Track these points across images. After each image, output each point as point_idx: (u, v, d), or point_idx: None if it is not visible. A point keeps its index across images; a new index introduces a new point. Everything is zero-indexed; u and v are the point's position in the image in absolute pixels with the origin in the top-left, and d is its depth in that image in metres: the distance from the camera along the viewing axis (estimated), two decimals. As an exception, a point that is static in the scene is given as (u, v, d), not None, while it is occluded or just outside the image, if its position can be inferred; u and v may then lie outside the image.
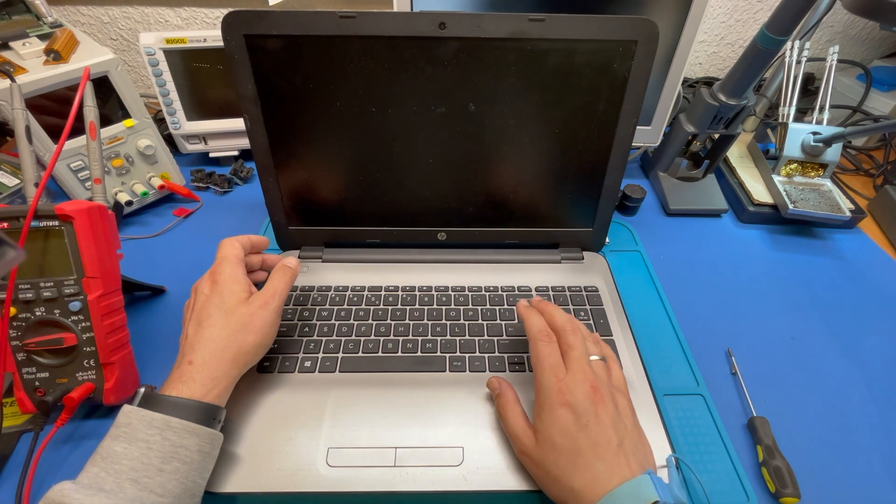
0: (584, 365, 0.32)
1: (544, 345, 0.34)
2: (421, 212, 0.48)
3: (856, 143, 0.75)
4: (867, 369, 0.45)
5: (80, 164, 0.54)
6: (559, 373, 0.32)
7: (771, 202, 0.60)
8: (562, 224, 0.50)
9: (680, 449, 0.38)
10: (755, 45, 0.49)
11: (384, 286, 0.47)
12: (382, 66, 0.39)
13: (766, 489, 0.37)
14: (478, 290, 0.47)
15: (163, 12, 0.77)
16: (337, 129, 0.42)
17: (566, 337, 0.34)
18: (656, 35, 0.38)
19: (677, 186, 0.64)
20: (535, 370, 0.33)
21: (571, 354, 0.33)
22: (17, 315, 0.35)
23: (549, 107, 0.41)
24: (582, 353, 0.33)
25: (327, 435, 0.36)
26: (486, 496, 0.34)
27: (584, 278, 0.49)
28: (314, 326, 0.44)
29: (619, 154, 0.44)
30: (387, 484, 0.34)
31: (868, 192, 0.68)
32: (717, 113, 0.56)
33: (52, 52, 0.51)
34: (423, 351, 0.42)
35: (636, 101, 0.41)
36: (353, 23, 0.37)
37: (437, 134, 0.43)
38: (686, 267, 0.55)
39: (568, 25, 0.37)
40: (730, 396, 0.43)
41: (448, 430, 0.37)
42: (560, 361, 0.33)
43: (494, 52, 0.38)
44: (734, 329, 0.48)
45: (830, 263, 0.56)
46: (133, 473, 0.27)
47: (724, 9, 0.78)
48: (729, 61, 0.84)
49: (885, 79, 0.74)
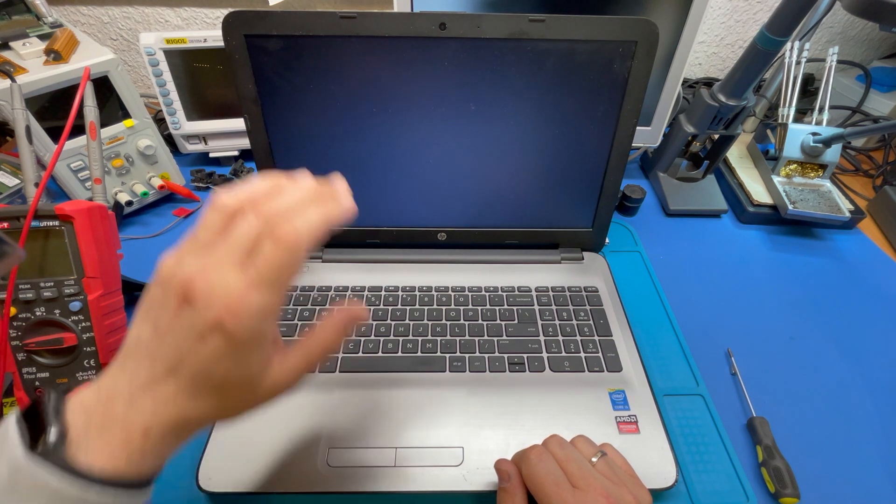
0: (588, 476, 0.29)
1: (539, 462, 0.30)
2: (421, 212, 0.48)
3: (855, 144, 0.75)
4: (867, 369, 0.45)
5: (80, 164, 0.54)
6: (565, 493, 0.28)
7: (770, 203, 0.60)
8: (562, 224, 0.50)
9: (680, 449, 0.38)
10: (755, 45, 0.49)
11: (384, 286, 0.47)
12: (383, 66, 0.39)
13: (766, 489, 0.37)
14: (478, 290, 0.47)
15: (163, 12, 0.77)
16: (337, 130, 0.42)
17: (555, 451, 0.31)
18: (656, 35, 0.38)
19: (677, 187, 0.64)
20: (536, 493, 0.29)
21: (570, 468, 0.29)
22: (18, 315, 0.35)
23: (550, 107, 0.41)
24: (580, 460, 0.30)
25: (327, 435, 0.36)
26: (486, 496, 0.34)
27: (583, 278, 0.49)
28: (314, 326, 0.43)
29: (619, 154, 0.44)
30: (387, 484, 0.34)
31: (867, 193, 0.68)
32: (717, 113, 0.56)
33: (53, 52, 0.51)
34: (423, 351, 0.42)
35: (636, 101, 0.41)
36: (354, 23, 0.37)
37: (438, 134, 0.43)
38: (686, 267, 0.55)
39: (568, 26, 0.37)
40: (729, 396, 0.43)
41: (448, 430, 0.37)
42: (564, 478, 0.29)
43: (494, 53, 0.38)
44: (734, 329, 0.48)
45: (830, 264, 0.56)
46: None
47: (724, 9, 0.78)
48: (729, 62, 0.84)
49: (884, 79, 0.74)
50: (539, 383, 0.40)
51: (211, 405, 0.22)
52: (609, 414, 0.38)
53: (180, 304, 0.20)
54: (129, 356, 0.22)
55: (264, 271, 0.20)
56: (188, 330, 0.20)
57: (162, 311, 0.21)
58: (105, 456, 0.20)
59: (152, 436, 0.21)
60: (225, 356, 0.20)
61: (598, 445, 0.33)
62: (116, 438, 0.20)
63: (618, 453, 0.33)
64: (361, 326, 0.26)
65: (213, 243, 0.21)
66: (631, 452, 0.33)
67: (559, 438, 0.32)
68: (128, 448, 0.20)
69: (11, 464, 0.19)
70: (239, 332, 0.20)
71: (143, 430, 0.21)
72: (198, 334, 0.20)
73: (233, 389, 0.22)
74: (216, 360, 0.20)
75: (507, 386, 0.40)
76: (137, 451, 0.21)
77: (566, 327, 0.44)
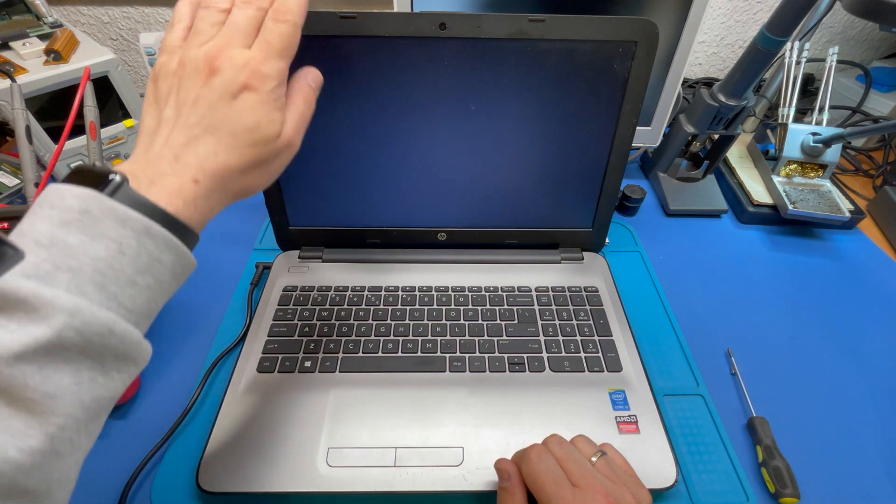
0: (588, 475, 0.29)
1: (539, 461, 0.30)
2: (421, 212, 0.48)
3: (855, 144, 0.75)
4: (867, 369, 0.45)
5: (80, 164, 0.54)
6: (565, 492, 0.28)
7: (770, 203, 0.60)
8: (562, 224, 0.50)
9: (680, 449, 0.38)
10: (755, 45, 0.49)
11: (384, 286, 0.47)
12: (382, 66, 0.39)
13: (766, 489, 0.37)
14: (478, 290, 0.47)
15: (163, 12, 0.77)
16: (337, 129, 0.42)
17: (555, 450, 0.31)
18: (656, 35, 0.38)
19: (677, 187, 0.64)
20: (536, 492, 0.29)
21: (570, 467, 0.29)
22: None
23: (550, 107, 0.41)
24: (580, 459, 0.30)
25: (327, 435, 0.36)
26: (486, 496, 0.34)
27: (583, 278, 0.49)
28: (314, 326, 0.44)
29: (619, 154, 0.44)
30: (387, 484, 0.34)
31: (867, 193, 0.68)
32: (717, 113, 0.56)
33: (53, 52, 0.51)
34: (423, 351, 0.42)
35: (636, 101, 0.41)
36: (354, 23, 0.37)
37: (437, 134, 0.43)
38: (686, 267, 0.55)
39: (568, 26, 0.37)
40: (729, 396, 0.43)
41: (448, 430, 0.37)
42: (563, 476, 0.29)
43: (494, 53, 0.38)
44: (734, 329, 0.48)
45: (830, 264, 0.56)
46: (99, 277, 0.20)
47: (724, 9, 0.78)
48: (729, 62, 0.84)
49: (884, 79, 0.74)
50: (539, 383, 0.40)
51: (247, 157, 0.25)
52: (609, 414, 0.38)
53: (208, 76, 0.24)
54: (153, 135, 0.25)
55: (274, 43, 0.25)
56: (220, 93, 0.24)
57: (186, 87, 0.25)
58: (164, 199, 0.23)
59: (202, 185, 0.24)
60: (254, 109, 0.25)
61: (597, 445, 0.33)
62: (171, 186, 0.23)
63: (617, 453, 0.33)
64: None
65: (215, 33, 0.25)
66: (631, 452, 0.33)
67: (559, 438, 0.32)
68: (182, 194, 0.23)
69: (82, 198, 0.21)
70: (264, 89, 0.25)
71: (193, 179, 0.24)
72: (230, 95, 0.24)
73: (262, 141, 0.26)
74: (248, 112, 0.25)
75: (507, 386, 0.40)
76: (191, 197, 0.24)
77: (566, 327, 0.44)
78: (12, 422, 0.18)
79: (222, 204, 0.26)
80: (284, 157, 0.28)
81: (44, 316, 0.19)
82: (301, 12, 0.27)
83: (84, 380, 0.20)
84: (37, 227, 0.20)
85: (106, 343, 0.20)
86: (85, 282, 0.20)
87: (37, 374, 0.19)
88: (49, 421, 0.19)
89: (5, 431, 0.18)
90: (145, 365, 0.23)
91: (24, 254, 0.19)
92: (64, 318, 0.19)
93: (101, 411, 0.22)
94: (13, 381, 0.18)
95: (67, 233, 0.20)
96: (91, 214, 0.21)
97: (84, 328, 0.19)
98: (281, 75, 0.26)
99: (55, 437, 0.19)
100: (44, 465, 0.19)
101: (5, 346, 0.18)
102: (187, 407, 0.39)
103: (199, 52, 0.25)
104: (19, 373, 0.18)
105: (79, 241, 0.20)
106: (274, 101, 0.26)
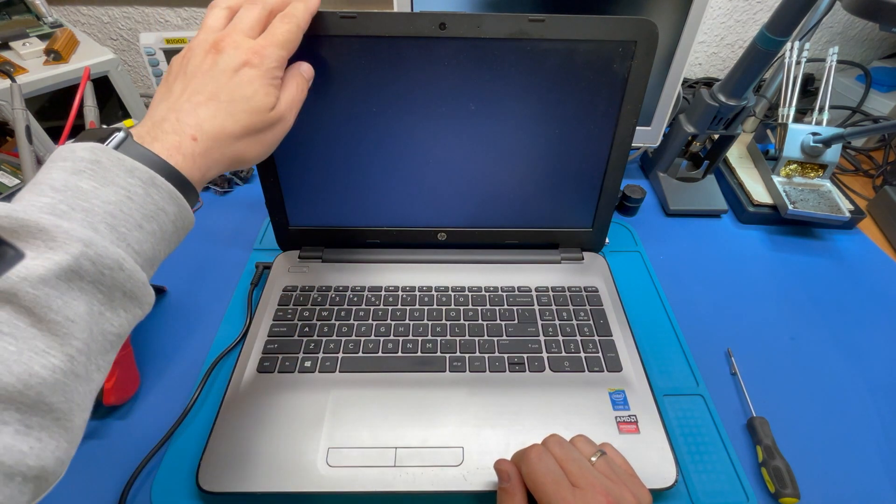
0: (588, 475, 0.29)
1: (539, 461, 0.30)
2: (421, 212, 0.48)
3: (855, 144, 0.75)
4: (867, 369, 0.45)
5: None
6: (565, 492, 0.28)
7: (770, 203, 0.60)
8: (562, 224, 0.50)
9: (680, 449, 0.38)
10: (755, 45, 0.49)
11: (384, 286, 0.47)
12: (383, 66, 0.39)
13: (766, 489, 0.37)
14: (478, 290, 0.47)
15: (163, 12, 0.77)
16: (337, 129, 0.42)
17: (555, 450, 0.31)
18: (656, 35, 0.38)
19: (677, 187, 0.64)
20: (536, 492, 0.29)
21: (570, 467, 0.29)
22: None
23: (549, 107, 0.41)
24: (580, 459, 0.30)
25: (327, 435, 0.36)
26: (486, 496, 0.34)
27: (583, 278, 0.49)
28: (314, 326, 0.44)
29: (619, 154, 0.44)
30: (387, 484, 0.34)
31: (867, 193, 0.68)
32: (717, 113, 0.56)
33: (53, 52, 0.51)
34: (423, 351, 0.42)
35: (636, 101, 0.41)
36: (354, 23, 0.37)
37: (437, 134, 0.43)
38: (686, 267, 0.55)
39: (568, 26, 0.37)
40: (729, 396, 0.43)
41: (448, 430, 0.37)
42: (564, 477, 0.29)
43: (494, 53, 0.38)
44: (734, 329, 0.48)
45: (830, 264, 0.56)
46: (110, 219, 0.22)
47: (724, 9, 0.78)
48: (729, 62, 0.84)
49: (884, 79, 0.74)
50: (539, 383, 0.40)
51: (242, 123, 0.28)
52: (609, 414, 0.38)
53: (213, 55, 0.28)
54: (160, 103, 0.28)
55: (278, 36, 0.29)
56: (223, 68, 0.27)
57: (193, 63, 0.28)
58: (164, 153, 0.25)
59: (200, 143, 0.26)
60: (252, 81, 0.28)
61: (597, 445, 0.33)
62: (171, 141, 0.25)
63: (617, 453, 0.33)
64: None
65: (222, 26, 0.29)
66: (631, 452, 0.33)
67: (559, 438, 0.32)
68: (181, 150, 0.26)
69: (92, 150, 0.23)
70: (263, 66, 0.28)
71: (192, 137, 0.26)
72: (232, 70, 0.27)
73: (257, 110, 0.28)
74: (246, 83, 0.28)
75: (507, 386, 0.40)
76: (189, 153, 0.26)
77: (566, 327, 0.44)
78: (36, 342, 0.20)
79: (220, 165, 0.28)
80: (278, 129, 0.30)
81: (62, 243, 0.20)
82: (306, 18, 0.31)
83: (95, 312, 0.22)
84: (51, 175, 0.22)
85: (115, 277, 0.22)
86: (97, 221, 0.22)
87: (58, 298, 0.20)
88: (68, 343, 0.21)
89: (30, 349, 0.19)
90: (148, 310, 0.25)
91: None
92: (80, 247, 0.21)
93: (108, 346, 0.23)
94: (38, 302, 0.20)
95: (80, 179, 0.22)
96: (101, 164, 0.23)
97: (97, 259, 0.21)
98: (280, 60, 0.29)
99: (74, 359, 0.21)
100: (66, 385, 0.20)
101: (30, 269, 0.20)
102: (187, 407, 0.39)
103: (208, 37, 0.28)
104: (44, 295, 0.20)
105: (91, 186, 0.22)
106: (271, 79, 0.29)
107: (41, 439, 0.20)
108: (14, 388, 0.19)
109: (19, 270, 0.19)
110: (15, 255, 0.19)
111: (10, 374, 0.19)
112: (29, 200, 0.21)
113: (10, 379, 0.18)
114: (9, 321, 0.19)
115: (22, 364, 0.19)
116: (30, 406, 0.19)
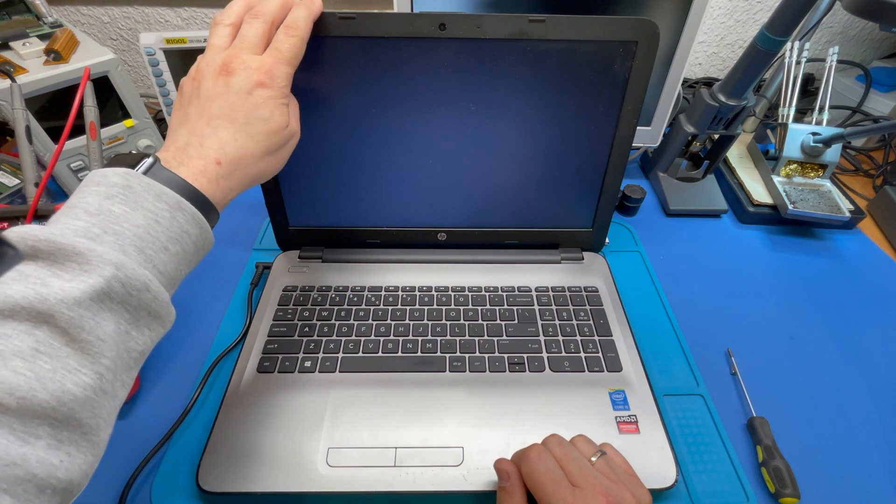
0: (587, 475, 0.29)
1: (539, 461, 0.30)
2: (421, 212, 0.48)
3: (855, 144, 0.75)
4: (867, 369, 0.45)
5: (80, 164, 0.54)
6: (565, 492, 0.28)
7: (770, 203, 0.60)
8: (562, 224, 0.50)
9: (680, 449, 0.38)
10: (755, 45, 0.49)
11: (384, 286, 0.47)
12: (382, 67, 0.39)
13: (766, 489, 0.37)
14: (478, 290, 0.47)
15: (163, 12, 0.77)
16: (337, 130, 0.42)
17: (554, 450, 0.31)
18: (657, 36, 0.38)
19: (677, 187, 0.64)
20: (536, 492, 0.29)
21: (570, 467, 0.29)
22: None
23: (550, 107, 0.41)
24: (579, 459, 0.30)
25: (327, 435, 0.36)
26: (486, 496, 0.34)
27: (583, 278, 0.49)
28: (314, 326, 0.44)
29: (619, 154, 0.44)
30: (387, 484, 0.34)
31: (867, 193, 0.68)
32: (717, 113, 0.56)
33: (53, 52, 0.51)
34: (423, 351, 0.42)
35: (636, 101, 0.41)
36: (353, 24, 0.37)
37: (438, 134, 0.43)
38: (686, 267, 0.55)
39: (568, 26, 0.37)
40: (729, 396, 0.43)
41: (448, 430, 0.37)
42: (563, 476, 0.29)
43: (494, 53, 0.38)
44: (734, 329, 0.48)
45: (830, 264, 0.56)
46: (138, 241, 0.24)
47: (724, 9, 0.78)
48: (729, 62, 0.84)
49: (884, 79, 0.74)
50: (539, 383, 0.40)
51: (263, 144, 0.29)
52: (609, 414, 0.38)
53: (226, 76, 0.28)
54: (180, 128, 0.29)
55: (284, 52, 0.29)
56: (237, 89, 0.28)
57: (206, 87, 0.28)
58: (191, 177, 0.26)
59: (224, 166, 0.28)
60: (267, 102, 0.29)
61: (597, 445, 0.33)
62: (196, 166, 0.27)
63: (617, 453, 0.33)
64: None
65: (228, 45, 0.29)
66: (631, 452, 0.33)
67: (558, 437, 0.32)
68: (206, 173, 0.27)
69: (125, 176, 0.24)
70: (275, 86, 0.29)
71: (216, 160, 0.27)
72: (246, 91, 0.28)
73: (275, 130, 0.30)
74: (262, 105, 0.29)
75: (507, 386, 0.40)
76: (214, 176, 0.27)
77: (566, 327, 0.44)
78: (69, 360, 0.21)
79: (241, 185, 0.30)
80: (291, 144, 0.32)
81: (95, 266, 0.22)
82: (309, 26, 0.31)
83: (122, 331, 0.23)
84: (86, 199, 0.23)
85: (142, 298, 0.23)
86: (127, 244, 0.23)
87: (91, 319, 0.21)
88: (98, 361, 0.22)
89: (63, 368, 0.20)
90: (170, 327, 0.27)
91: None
92: (112, 270, 0.22)
93: (132, 363, 0.24)
94: (72, 323, 0.21)
95: (112, 204, 0.24)
96: (132, 189, 0.24)
97: (126, 281, 0.22)
98: (288, 78, 0.30)
99: (103, 377, 0.22)
100: (95, 401, 0.22)
101: (66, 291, 0.21)
102: (187, 407, 0.39)
103: (216, 58, 0.29)
104: (78, 316, 0.21)
105: (122, 210, 0.24)
106: (283, 98, 0.30)
107: (70, 453, 0.21)
108: (48, 404, 0.20)
109: (56, 293, 0.20)
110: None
111: (45, 391, 0.20)
112: (65, 224, 0.22)
113: (44, 396, 0.19)
114: (45, 340, 0.20)
115: (56, 382, 0.20)
116: (61, 421, 0.20)
